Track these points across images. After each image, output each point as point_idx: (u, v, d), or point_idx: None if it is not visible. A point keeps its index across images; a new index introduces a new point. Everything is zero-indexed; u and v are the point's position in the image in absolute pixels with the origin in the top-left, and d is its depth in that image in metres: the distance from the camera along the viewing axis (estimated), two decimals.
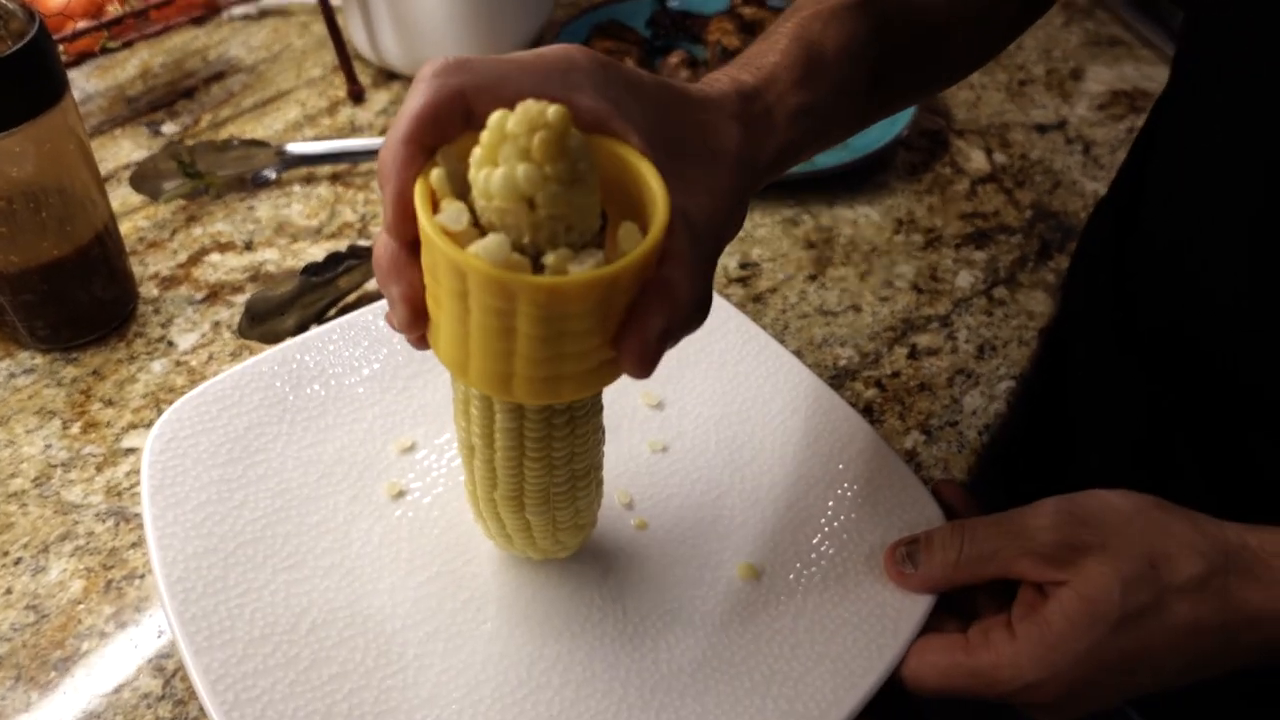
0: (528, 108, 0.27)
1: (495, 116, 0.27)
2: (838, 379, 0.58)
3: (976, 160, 0.76)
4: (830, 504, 0.47)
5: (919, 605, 0.41)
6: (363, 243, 0.64)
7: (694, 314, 0.31)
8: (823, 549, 0.45)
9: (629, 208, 0.31)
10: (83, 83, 0.77)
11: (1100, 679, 0.36)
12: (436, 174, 0.29)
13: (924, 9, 0.43)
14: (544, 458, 0.35)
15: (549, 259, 0.28)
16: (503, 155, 0.27)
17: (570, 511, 0.38)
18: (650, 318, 0.29)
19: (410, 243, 0.30)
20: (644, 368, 0.30)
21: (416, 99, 0.29)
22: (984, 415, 0.57)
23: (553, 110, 0.26)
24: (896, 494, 0.46)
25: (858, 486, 0.47)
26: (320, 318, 0.59)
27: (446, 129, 0.30)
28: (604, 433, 0.39)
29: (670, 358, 0.52)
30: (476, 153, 0.28)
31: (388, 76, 0.81)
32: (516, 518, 0.38)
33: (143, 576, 0.47)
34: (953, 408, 0.57)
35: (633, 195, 0.31)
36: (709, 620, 0.42)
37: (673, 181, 0.30)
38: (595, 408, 0.36)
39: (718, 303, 0.55)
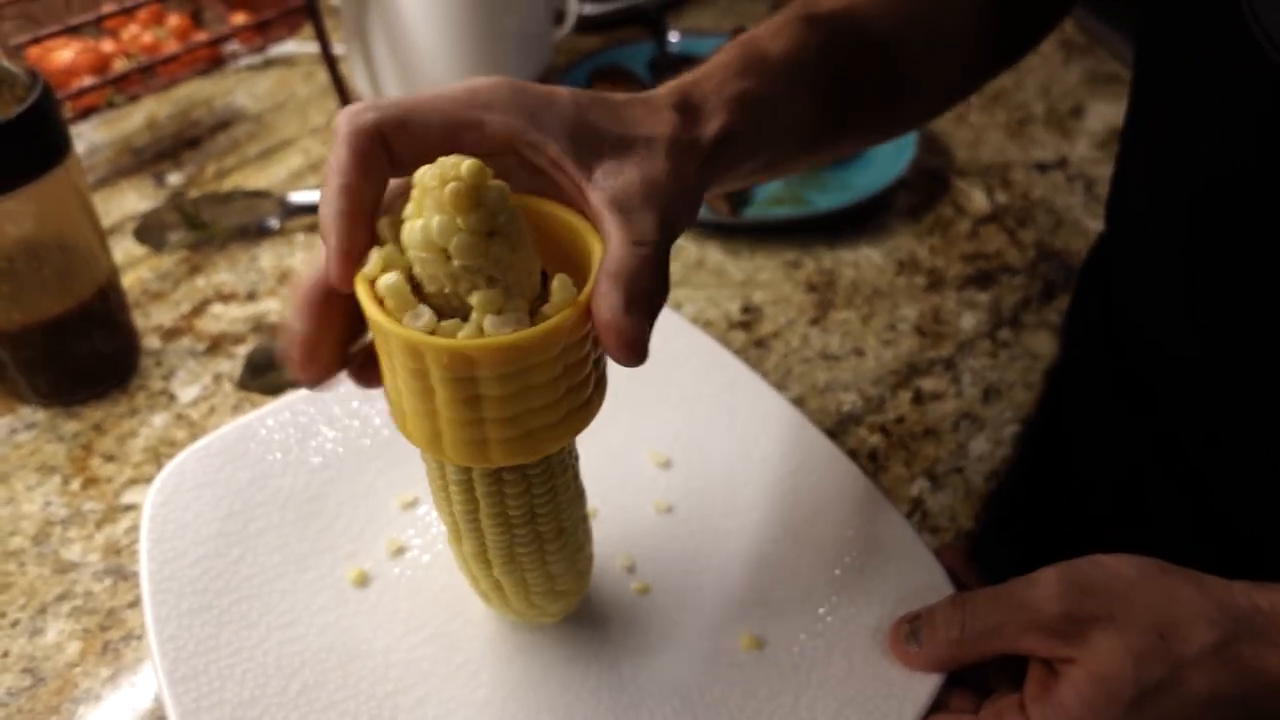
0: (442, 162, 0.28)
1: (419, 171, 0.29)
2: (842, 425, 0.58)
3: (978, 200, 0.76)
4: (836, 572, 0.45)
5: (926, 684, 0.40)
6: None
7: (642, 276, 0.30)
8: (828, 620, 0.43)
9: (572, 268, 0.32)
10: (90, 134, 0.78)
11: None
12: (377, 257, 0.30)
13: (871, 29, 0.43)
14: (498, 514, 0.35)
15: (472, 318, 0.29)
16: (424, 207, 0.28)
17: (541, 575, 0.37)
18: (606, 296, 0.29)
19: (346, 295, 0.31)
20: (628, 345, 0.29)
21: (336, 149, 0.30)
22: (990, 460, 0.56)
23: (466, 164, 0.28)
24: (902, 562, 0.45)
25: (864, 554, 0.46)
26: None
27: (370, 169, 0.30)
28: (579, 495, 0.38)
29: (679, 414, 0.52)
30: (408, 209, 0.29)
31: None
32: (486, 577, 0.38)
33: (139, 637, 0.46)
34: (958, 453, 0.56)
35: (574, 254, 0.32)
36: (709, 693, 0.41)
37: (602, 173, 0.31)
38: (556, 468, 0.35)
39: (724, 358, 0.55)
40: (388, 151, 0.31)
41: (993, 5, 0.47)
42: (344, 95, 0.77)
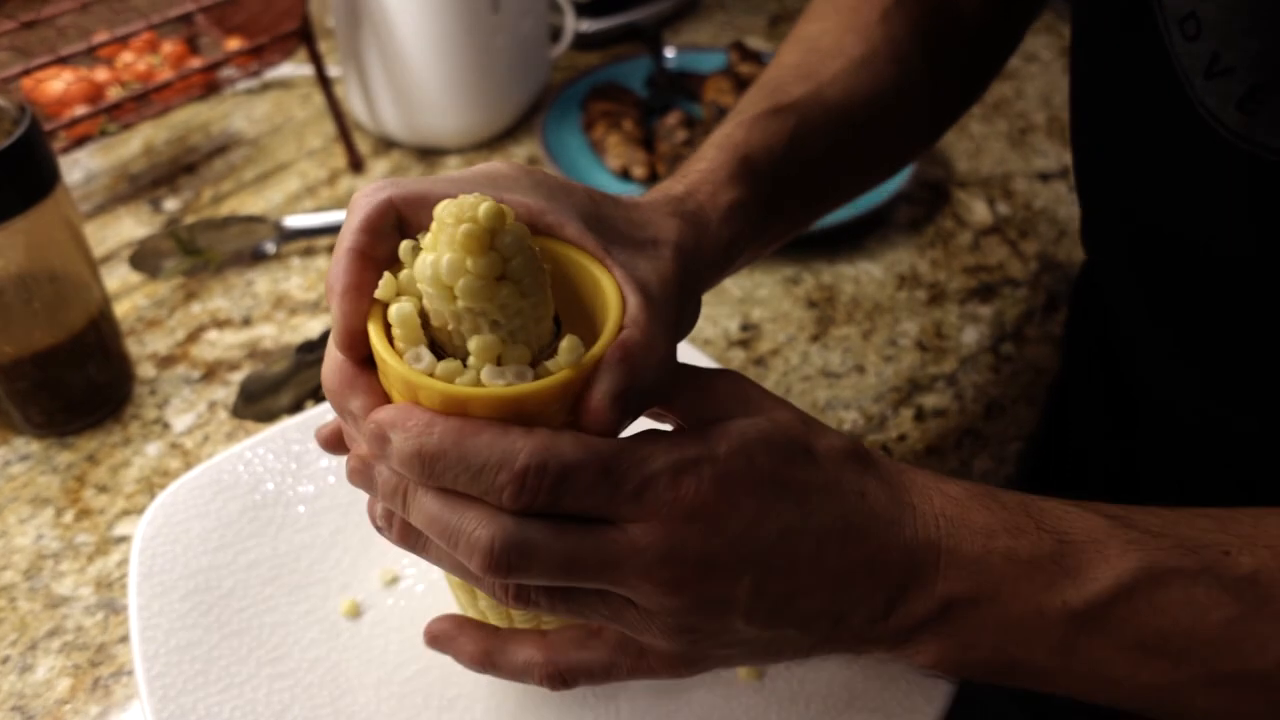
0: (463, 200, 0.27)
1: (440, 204, 0.28)
2: None
3: (979, 212, 0.75)
4: None
5: (928, 716, 0.39)
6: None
7: (655, 376, 0.30)
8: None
9: (587, 317, 0.31)
10: (86, 161, 0.78)
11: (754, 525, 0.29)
12: (393, 281, 0.30)
13: (835, 108, 0.44)
14: None
15: (470, 364, 0.28)
16: (439, 242, 0.28)
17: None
18: (605, 379, 0.29)
19: (362, 359, 0.31)
20: (600, 428, 0.29)
21: (352, 215, 0.31)
22: (994, 478, 0.55)
23: (484, 206, 0.27)
24: None
25: None
26: (316, 394, 0.59)
27: (382, 238, 0.31)
28: None
29: None
30: (426, 239, 0.29)
31: (387, 145, 0.81)
32: (494, 610, 0.37)
33: (130, 673, 0.46)
34: (961, 472, 0.55)
35: (591, 304, 0.32)
36: None
37: (622, 257, 0.31)
38: None
39: None
40: (402, 228, 0.31)
41: (927, 75, 0.48)
42: (339, 117, 0.77)
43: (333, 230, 0.70)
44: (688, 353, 0.56)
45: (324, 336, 0.60)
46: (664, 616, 0.30)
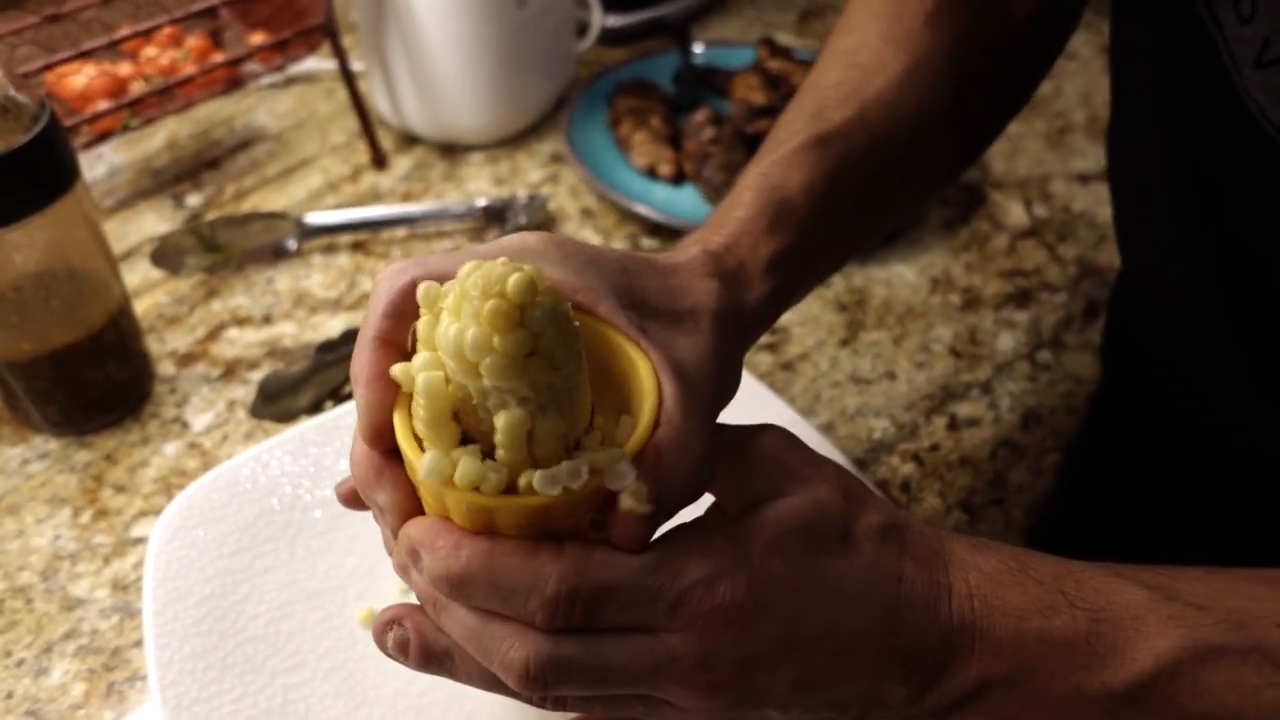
0: (489, 269, 0.25)
1: (465, 267, 0.26)
2: (873, 453, 0.55)
3: (1016, 214, 0.73)
4: None
5: None
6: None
7: (690, 479, 0.29)
8: None
9: (619, 398, 0.30)
10: (110, 156, 0.78)
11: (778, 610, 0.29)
12: (404, 371, 0.28)
13: (879, 131, 0.42)
14: None
15: (498, 443, 0.27)
16: (462, 312, 0.26)
17: None
18: (635, 494, 0.28)
19: (389, 449, 0.29)
20: (631, 545, 0.28)
21: (375, 300, 0.30)
22: (1030, 492, 0.53)
23: (514, 279, 0.25)
24: None
25: None
26: (336, 394, 0.58)
27: (407, 321, 0.30)
28: None
29: None
30: (447, 301, 0.27)
31: (410, 141, 0.80)
32: None
33: (144, 678, 0.45)
34: (996, 484, 0.54)
35: (624, 387, 0.30)
36: None
37: (657, 338, 0.30)
38: None
39: (749, 382, 0.53)
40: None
41: (977, 81, 0.46)
42: (363, 113, 0.76)
43: (355, 227, 0.69)
44: None
45: (344, 336, 0.59)
46: (700, 715, 0.29)
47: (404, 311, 0.30)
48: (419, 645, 0.31)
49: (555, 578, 0.27)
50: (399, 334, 0.30)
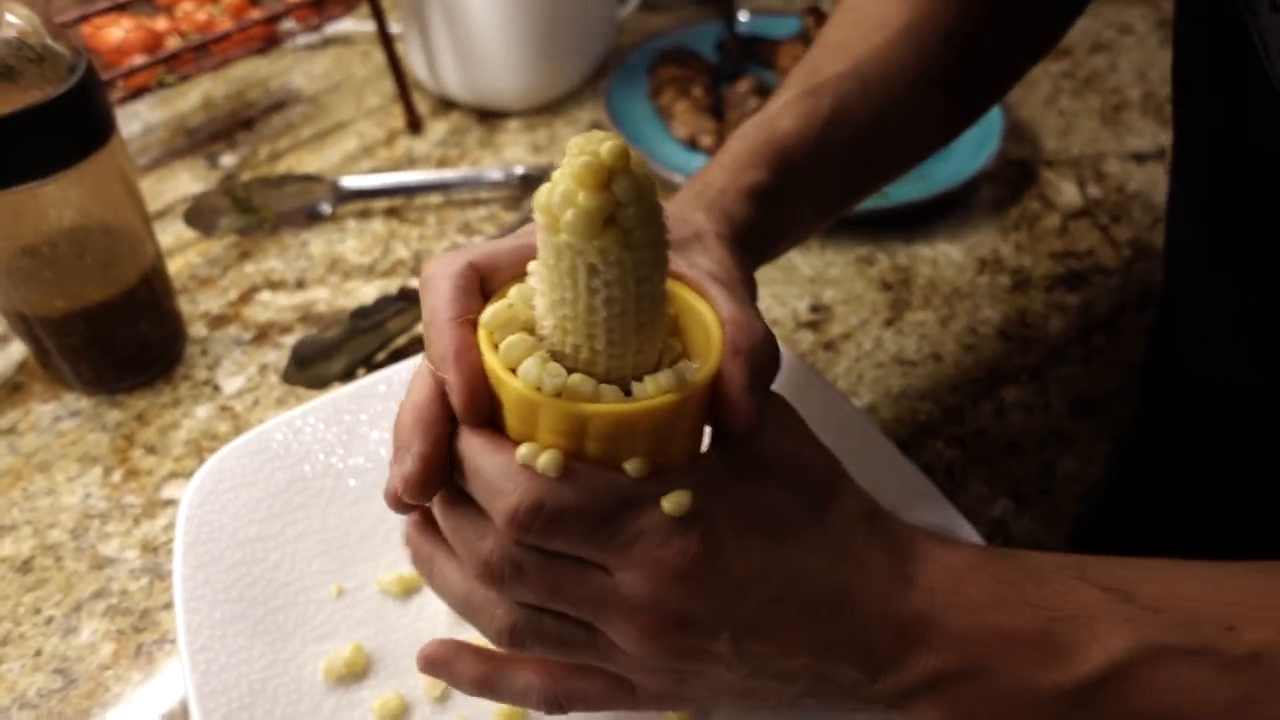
0: (591, 134, 0.27)
1: (576, 138, 0.27)
2: (916, 436, 0.54)
3: (1068, 193, 0.70)
4: None
5: None
6: (414, 283, 0.62)
7: (768, 353, 0.31)
8: None
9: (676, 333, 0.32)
10: (145, 114, 0.77)
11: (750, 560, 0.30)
12: (485, 320, 0.30)
13: (873, 87, 0.43)
14: None
15: (574, 376, 0.28)
16: (562, 173, 0.27)
17: None
18: (734, 378, 0.29)
19: (484, 419, 0.30)
20: (749, 423, 0.29)
21: (436, 289, 0.30)
22: (1080, 481, 0.52)
23: (608, 144, 0.26)
24: None
25: None
26: (369, 361, 0.57)
27: (471, 301, 0.31)
28: None
29: None
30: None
31: (446, 106, 0.79)
32: None
33: (173, 641, 0.44)
34: (1045, 472, 0.52)
35: (687, 336, 0.32)
36: None
37: (685, 263, 0.32)
38: None
39: (790, 361, 0.51)
40: (480, 283, 0.31)
41: (985, 33, 0.46)
42: (399, 76, 0.74)
43: (390, 193, 0.68)
44: None
45: (379, 303, 0.58)
46: (645, 659, 0.30)
47: (464, 288, 0.30)
48: (414, 540, 0.33)
49: (521, 489, 0.28)
50: (467, 309, 0.30)
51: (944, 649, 0.30)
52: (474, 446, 0.29)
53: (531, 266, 0.30)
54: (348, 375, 0.56)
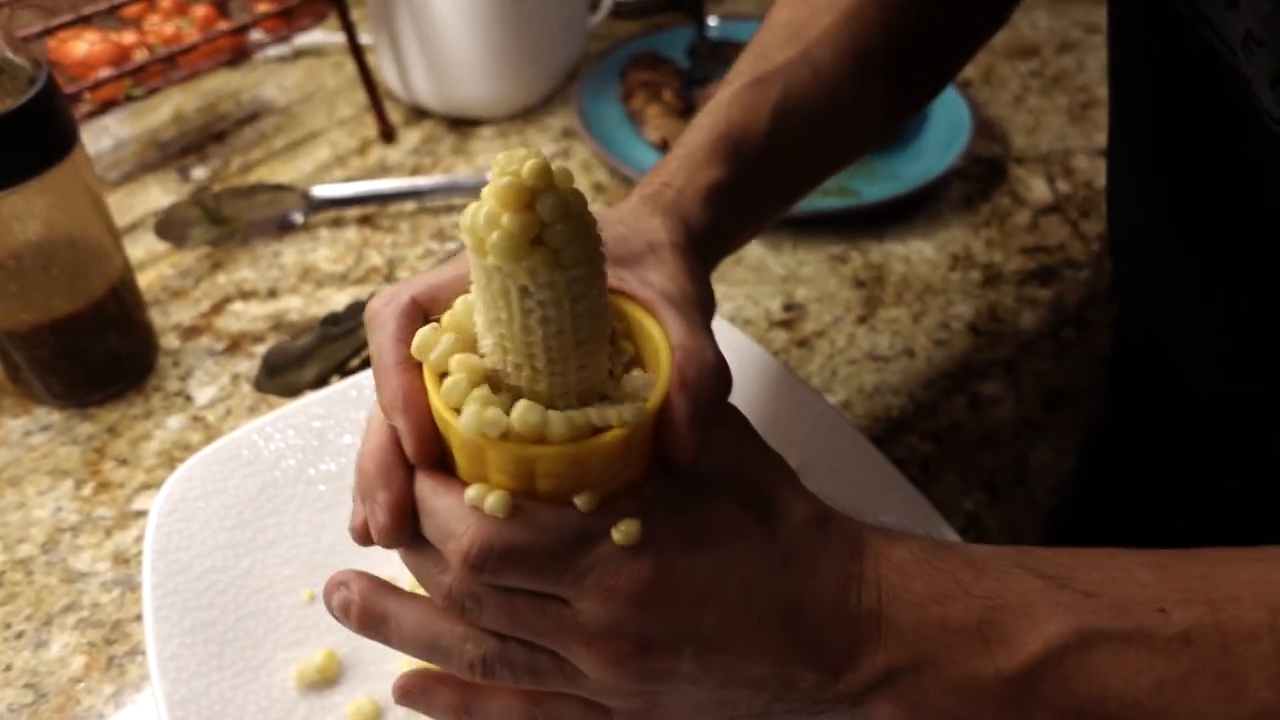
0: (513, 152, 0.26)
1: (501, 154, 0.27)
2: (890, 431, 0.54)
3: (1038, 189, 0.71)
4: None
5: None
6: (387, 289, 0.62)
7: (717, 383, 0.31)
8: None
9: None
10: (116, 128, 0.77)
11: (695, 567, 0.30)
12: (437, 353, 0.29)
13: (824, 73, 0.42)
14: None
15: (519, 406, 0.27)
16: (484, 192, 0.26)
17: None
18: (679, 411, 0.29)
19: (435, 462, 0.30)
20: (690, 458, 0.30)
21: (380, 329, 0.31)
22: (1054, 472, 0.52)
23: (530, 163, 0.25)
24: None
25: None
26: (342, 368, 0.57)
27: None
28: None
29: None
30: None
31: (419, 115, 0.79)
32: None
33: (144, 652, 0.44)
34: (1018, 464, 0.52)
35: (639, 341, 0.31)
36: None
37: (636, 280, 0.32)
38: None
39: (764, 360, 0.51)
40: (424, 316, 0.31)
41: (933, 13, 0.46)
42: (371, 86, 0.75)
43: (362, 201, 0.68)
44: (725, 333, 0.53)
45: (350, 309, 0.58)
46: (612, 685, 0.30)
47: (408, 327, 0.30)
48: (360, 608, 0.32)
49: (471, 531, 0.28)
50: (411, 349, 0.30)
51: (894, 644, 0.30)
52: (425, 488, 0.30)
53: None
54: (320, 382, 0.56)
